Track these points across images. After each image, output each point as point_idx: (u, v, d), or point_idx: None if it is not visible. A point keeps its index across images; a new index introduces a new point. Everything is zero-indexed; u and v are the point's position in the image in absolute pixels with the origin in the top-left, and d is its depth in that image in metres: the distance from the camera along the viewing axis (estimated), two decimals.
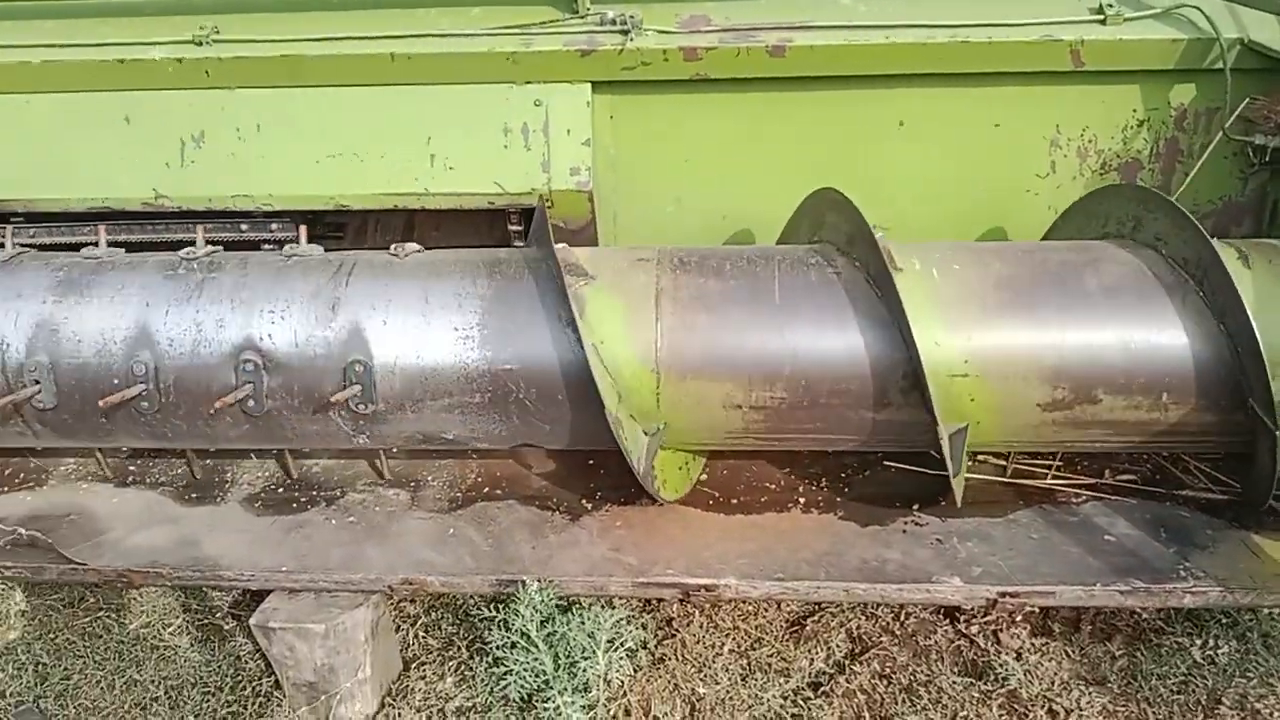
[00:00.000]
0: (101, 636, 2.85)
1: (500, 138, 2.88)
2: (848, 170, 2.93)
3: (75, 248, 2.98)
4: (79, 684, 2.70)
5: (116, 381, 2.57)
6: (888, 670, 2.65)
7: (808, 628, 2.79)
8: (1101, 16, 2.78)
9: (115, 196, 3.00)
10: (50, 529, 2.72)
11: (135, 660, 2.77)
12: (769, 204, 2.92)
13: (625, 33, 2.76)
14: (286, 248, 2.76)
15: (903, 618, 2.80)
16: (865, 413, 2.48)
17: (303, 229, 2.77)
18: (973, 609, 2.72)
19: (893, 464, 2.87)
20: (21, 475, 3.02)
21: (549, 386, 2.51)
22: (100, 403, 2.49)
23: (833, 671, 2.67)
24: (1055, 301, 2.42)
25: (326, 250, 2.80)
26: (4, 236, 3.15)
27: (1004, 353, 2.40)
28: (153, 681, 2.70)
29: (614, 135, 2.96)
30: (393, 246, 2.70)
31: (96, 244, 2.88)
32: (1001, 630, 2.72)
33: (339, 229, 3.53)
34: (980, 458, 2.85)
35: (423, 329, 2.52)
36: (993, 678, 2.59)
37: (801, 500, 2.76)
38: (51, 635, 2.87)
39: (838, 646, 2.74)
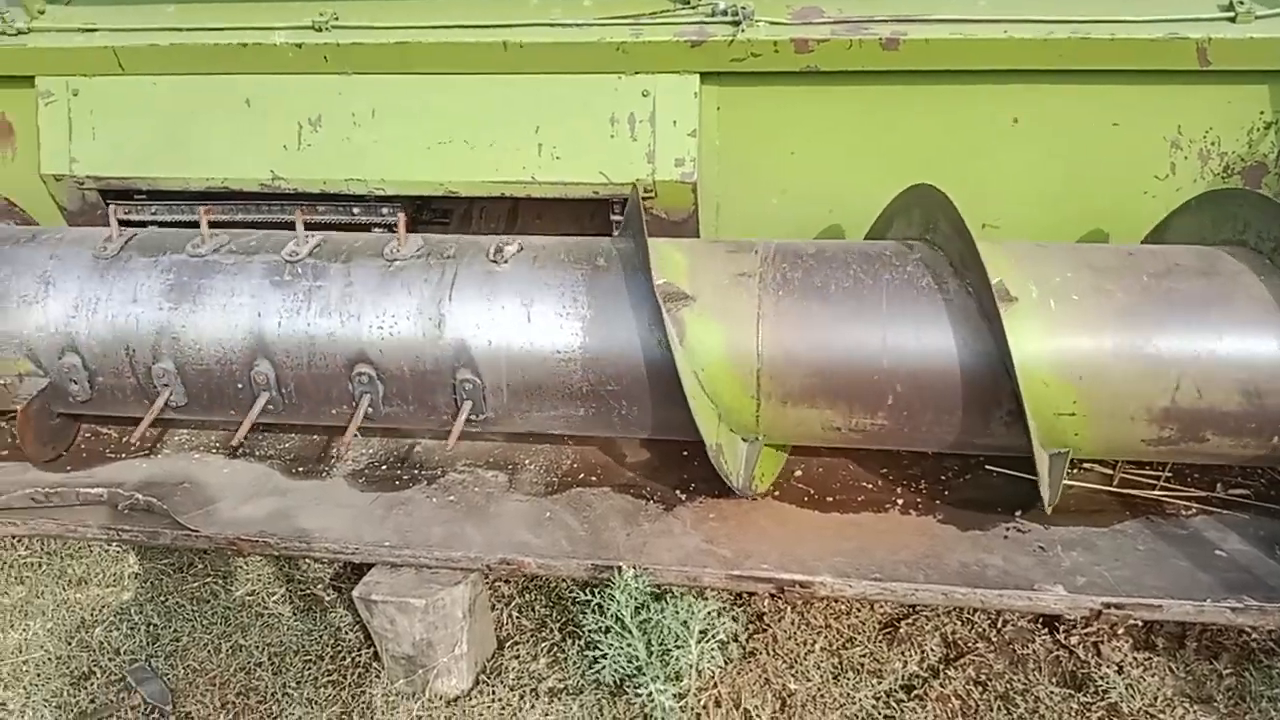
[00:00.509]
0: (209, 602, 2.96)
1: (607, 128, 2.90)
2: (958, 166, 2.87)
3: (193, 225, 3.10)
4: (187, 646, 2.81)
5: (240, 386, 2.71)
6: (983, 677, 2.62)
7: (901, 630, 2.77)
8: (1232, 14, 2.68)
9: (234, 177, 3.10)
10: (164, 496, 2.82)
11: (241, 626, 2.86)
12: (875, 199, 2.88)
13: (736, 24, 2.75)
14: (389, 246, 2.74)
15: (999, 625, 2.76)
16: (966, 436, 2.47)
17: (401, 219, 2.79)
18: (1074, 619, 2.66)
19: (995, 468, 2.82)
20: (137, 443, 3.14)
21: (650, 399, 2.55)
22: (235, 438, 2.69)
23: (926, 675, 2.64)
24: (1176, 344, 2.32)
25: (433, 233, 2.86)
26: (123, 213, 3.29)
27: (1115, 395, 2.34)
28: (257, 647, 2.79)
29: (720, 126, 2.95)
30: (492, 248, 2.68)
31: (206, 224, 2.99)
32: (1103, 642, 2.66)
33: (445, 214, 3.60)
34: (1086, 465, 2.78)
35: (527, 349, 2.57)
36: (1093, 690, 2.53)
37: (900, 501, 2.72)
38: (162, 598, 2.98)
39: (932, 650, 2.71)
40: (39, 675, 2.74)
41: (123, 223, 3.30)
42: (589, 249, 2.70)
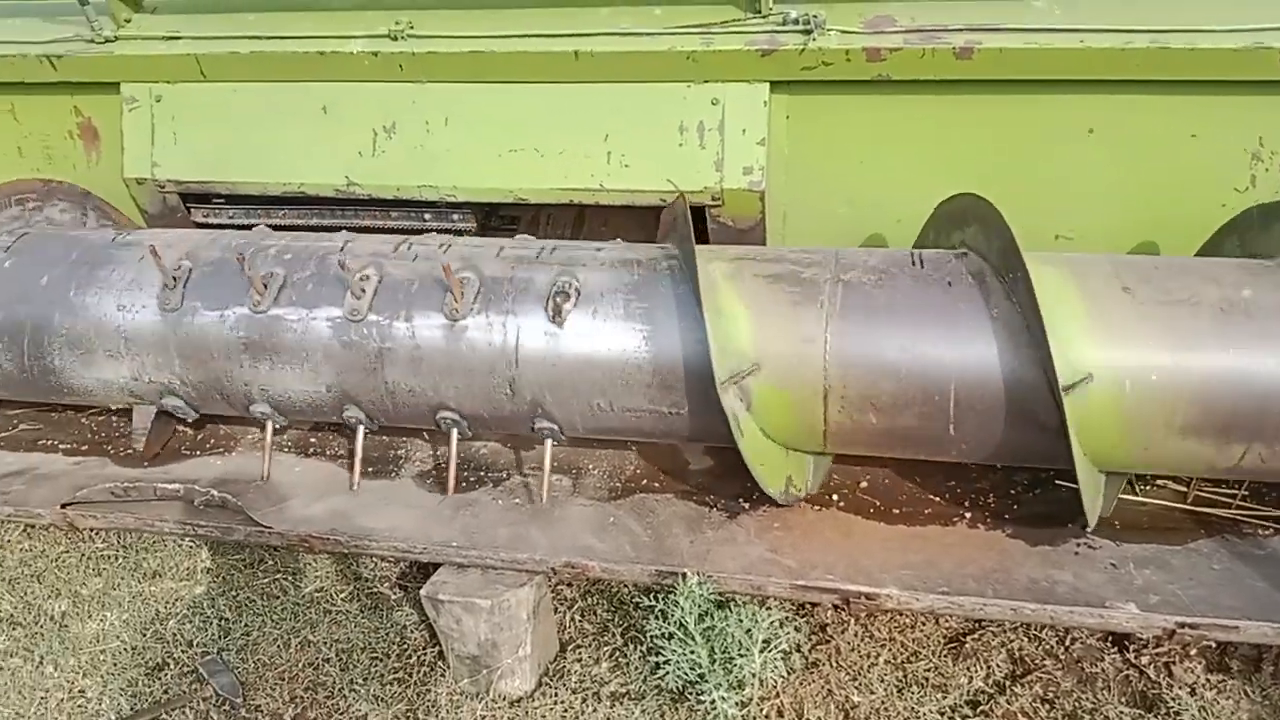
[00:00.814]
0: (279, 597, 3.02)
1: (676, 136, 2.92)
2: (1031, 177, 2.84)
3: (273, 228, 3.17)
4: (257, 640, 2.87)
5: (336, 419, 2.87)
6: (1050, 694, 2.58)
7: (967, 645, 2.73)
8: None
9: (310, 182, 3.17)
10: (238, 493, 2.89)
11: (309, 622, 2.92)
12: None
13: (808, 32, 2.75)
14: (446, 305, 2.62)
15: (1068, 642, 2.72)
16: (1010, 447, 2.49)
17: (450, 253, 2.76)
18: (1146, 638, 2.61)
19: (1065, 483, 2.78)
20: (212, 441, 3.22)
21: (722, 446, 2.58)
22: (352, 480, 2.86)
23: (992, 691, 2.60)
24: (1228, 359, 2.27)
25: (501, 237, 2.90)
26: (202, 216, 3.39)
27: (1163, 410, 2.31)
28: (324, 643, 2.84)
29: (789, 135, 2.95)
30: (550, 307, 2.58)
31: (289, 229, 3.07)
32: (1174, 663, 2.60)
33: (513, 220, 3.64)
34: (1159, 482, 2.73)
35: (596, 413, 2.64)
36: (1164, 712, 2.48)
37: (967, 515, 2.69)
38: (233, 592, 3.05)
39: (998, 666, 2.67)
40: (115, 665, 2.82)
41: (200, 225, 3.41)
42: (650, 286, 2.60)
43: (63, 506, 2.88)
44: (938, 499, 2.77)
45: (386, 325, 2.67)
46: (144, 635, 2.91)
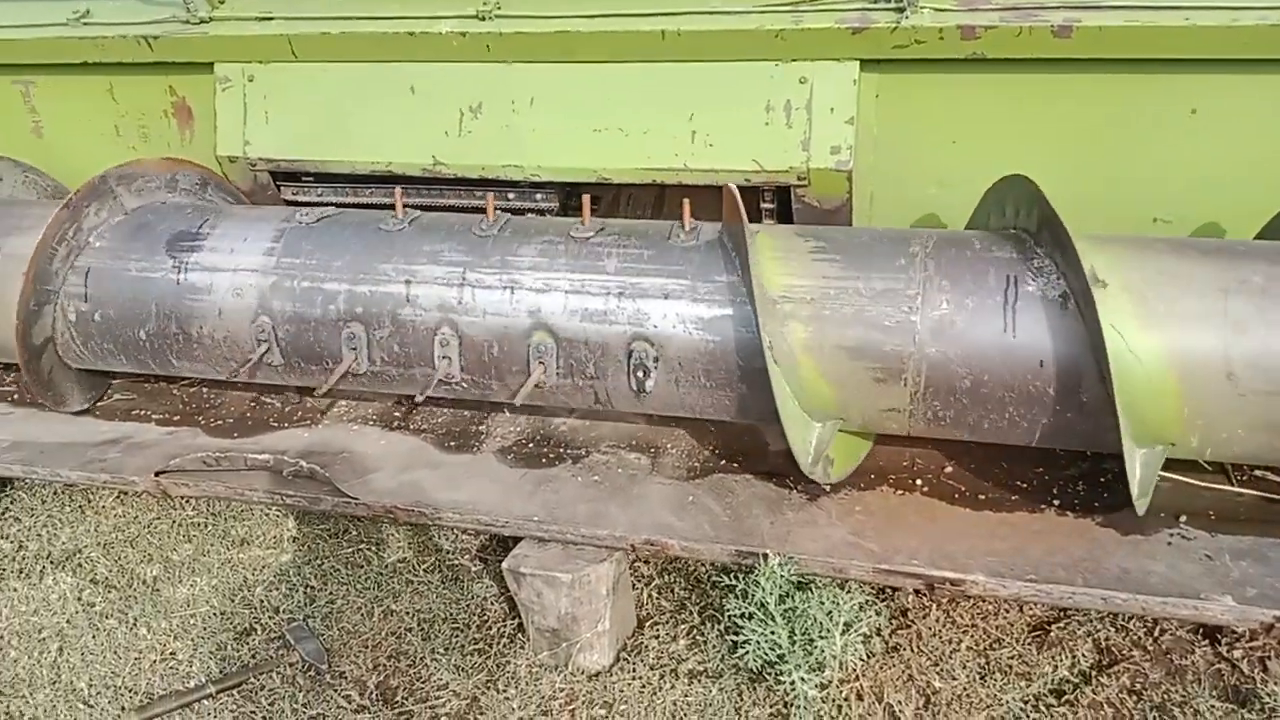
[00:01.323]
0: (362, 567, 3.08)
1: (762, 115, 2.90)
2: (1130, 158, 2.77)
3: (356, 207, 3.22)
4: (342, 608, 2.93)
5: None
6: (1138, 686, 2.52)
7: (1052, 633, 2.69)
8: None
9: (398, 161, 3.22)
10: (325, 464, 2.95)
11: (392, 592, 2.97)
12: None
13: (900, 10, 2.70)
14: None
15: (1157, 633, 2.65)
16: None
17: (585, 199, 2.85)
18: (1241, 632, 2.54)
19: (1163, 474, 2.70)
20: (300, 414, 3.29)
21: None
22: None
23: (1078, 681, 2.56)
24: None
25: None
26: (291, 194, 3.46)
27: (1218, 392, 2.28)
28: (407, 613, 2.89)
29: (878, 114, 2.91)
30: (632, 382, 2.68)
31: (381, 207, 3.11)
32: (1270, 658, 2.53)
33: (594, 200, 3.65)
34: (1258, 472, 2.65)
35: None
36: (1258, 707, 2.41)
37: (1056, 502, 2.64)
38: (319, 561, 3.12)
39: (1083, 656, 2.62)
40: (205, 629, 2.90)
41: (289, 203, 3.48)
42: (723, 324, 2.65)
43: (157, 474, 2.97)
44: (1025, 485, 2.72)
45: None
46: (232, 601, 2.99)
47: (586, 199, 2.82)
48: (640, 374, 2.64)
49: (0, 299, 3.03)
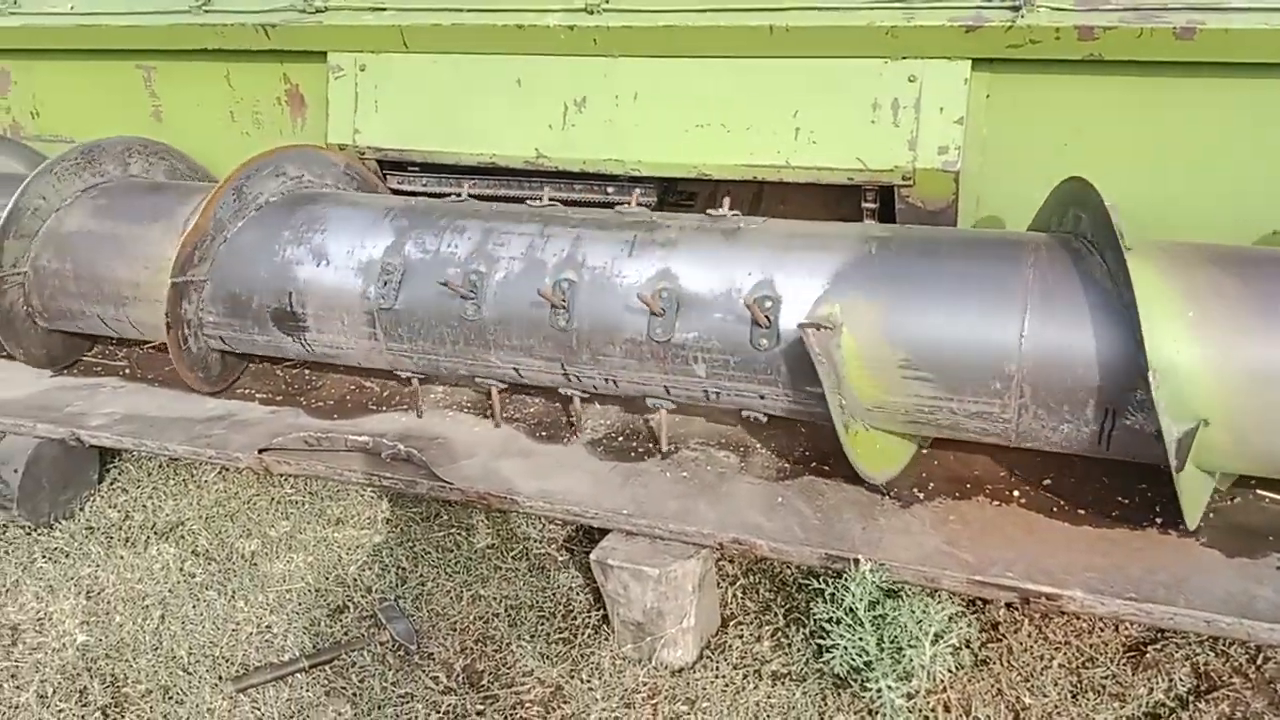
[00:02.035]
0: (452, 551, 3.13)
1: (868, 113, 2.86)
2: (1253, 167, 2.66)
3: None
4: (432, 591, 2.98)
5: None
6: (1238, 714, 2.43)
7: (1148, 655, 2.60)
8: None
9: (502, 154, 3.26)
10: (421, 449, 3.00)
11: (480, 577, 3.01)
12: (1155, 198, 2.72)
13: (1016, 9, 2.64)
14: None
15: (1260, 661, 2.55)
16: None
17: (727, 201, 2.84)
18: None
19: (1268, 494, 2.60)
20: (397, 398, 3.36)
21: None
22: None
23: (1174, 705, 2.47)
24: None
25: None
26: (396, 183, 3.53)
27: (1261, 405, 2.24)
28: (494, 598, 2.93)
29: (988, 115, 2.85)
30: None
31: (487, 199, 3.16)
32: None
33: (690, 196, 3.65)
34: None
35: None
36: None
37: (1159, 520, 2.55)
38: (410, 543, 3.18)
39: (1181, 680, 2.54)
40: (300, 604, 2.98)
41: (395, 192, 3.55)
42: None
43: (260, 452, 3.06)
44: (1127, 501, 2.64)
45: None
46: (327, 578, 3.07)
47: (727, 200, 2.80)
48: None
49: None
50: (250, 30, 3.46)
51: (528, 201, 3.00)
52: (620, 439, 3.06)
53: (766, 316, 2.51)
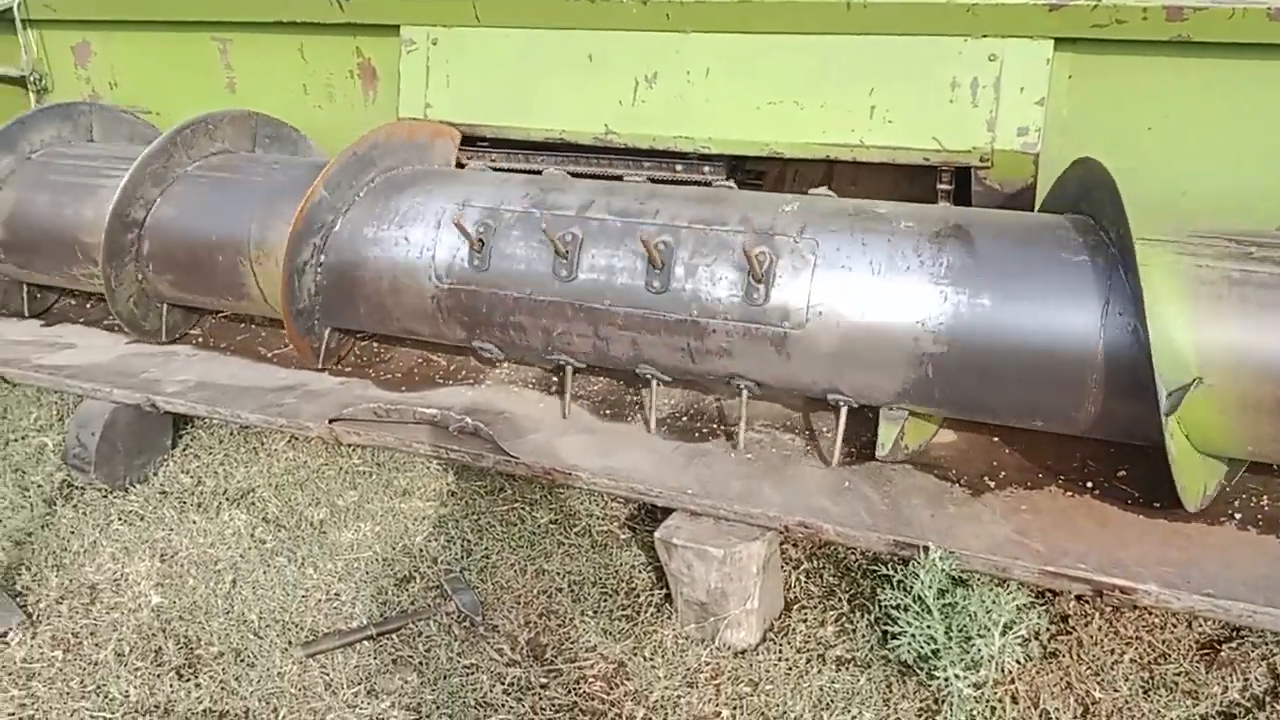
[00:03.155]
0: (516, 525, 3.16)
1: (946, 92, 2.81)
2: None
3: (528, 172, 3.27)
4: (496, 564, 3.01)
5: None
6: None
7: (1222, 653, 2.55)
8: None
9: (571, 129, 3.25)
10: (488, 423, 3.02)
11: (544, 552, 3.04)
12: (1241, 183, 2.64)
13: None
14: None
15: None
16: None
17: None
18: None
19: None
20: (464, 372, 3.39)
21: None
22: None
23: (1249, 705, 2.42)
24: None
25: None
26: (466, 158, 3.53)
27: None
28: (558, 573, 2.95)
29: (1070, 96, 2.78)
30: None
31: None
32: None
33: (759, 175, 3.62)
34: None
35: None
36: None
37: (1237, 515, 2.50)
38: (475, 517, 3.21)
39: (1257, 680, 2.48)
40: (367, 573, 3.03)
41: (462, 166, 3.56)
42: (931, 214, 2.63)
43: (330, 422, 3.10)
44: None
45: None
46: (393, 548, 3.11)
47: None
48: None
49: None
50: (325, 3, 3.49)
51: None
52: (684, 419, 3.05)
53: None
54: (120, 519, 3.33)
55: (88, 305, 4.12)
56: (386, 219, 3.04)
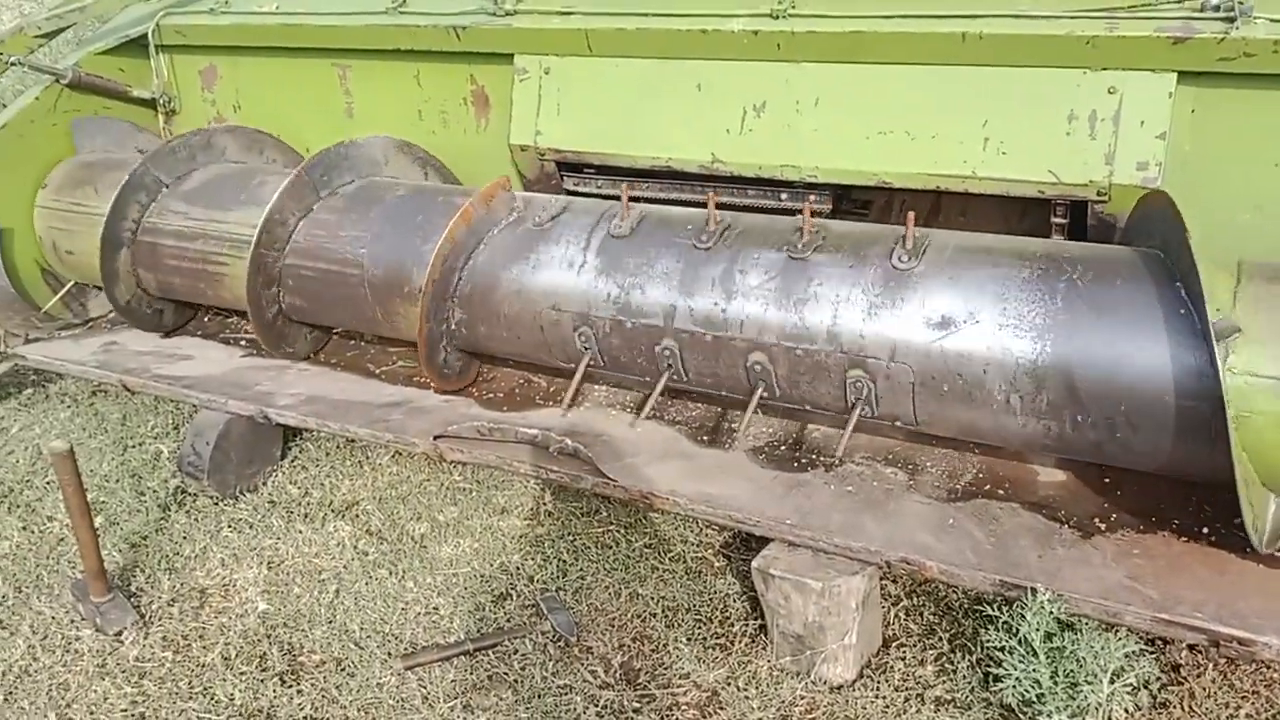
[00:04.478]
0: (611, 548, 3.17)
1: (1063, 124, 2.76)
2: None
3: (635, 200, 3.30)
4: (591, 586, 3.03)
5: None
6: None
7: None
8: None
9: (678, 158, 3.28)
10: (586, 445, 3.05)
11: (639, 575, 3.05)
12: None
13: (1230, 20, 2.50)
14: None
15: None
16: None
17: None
18: None
19: None
20: (562, 395, 3.42)
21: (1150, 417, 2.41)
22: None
23: None
24: None
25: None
26: (572, 184, 3.59)
27: None
28: (652, 598, 2.95)
29: (1192, 131, 2.71)
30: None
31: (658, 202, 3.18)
32: None
33: (865, 205, 3.60)
34: None
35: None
36: None
37: None
38: (572, 538, 3.24)
39: None
40: (466, 589, 3.08)
41: (570, 193, 3.62)
42: (1019, 248, 2.61)
43: (435, 438, 3.17)
44: None
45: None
46: (491, 565, 3.15)
47: (911, 216, 2.68)
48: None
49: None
50: (442, 32, 3.59)
51: None
52: (782, 448, 3.04)
53: None
54: (230, 526, 3.44)
55: (205, 319, 4.28)
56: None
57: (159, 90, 4.47)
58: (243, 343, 4.04)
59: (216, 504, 3.56)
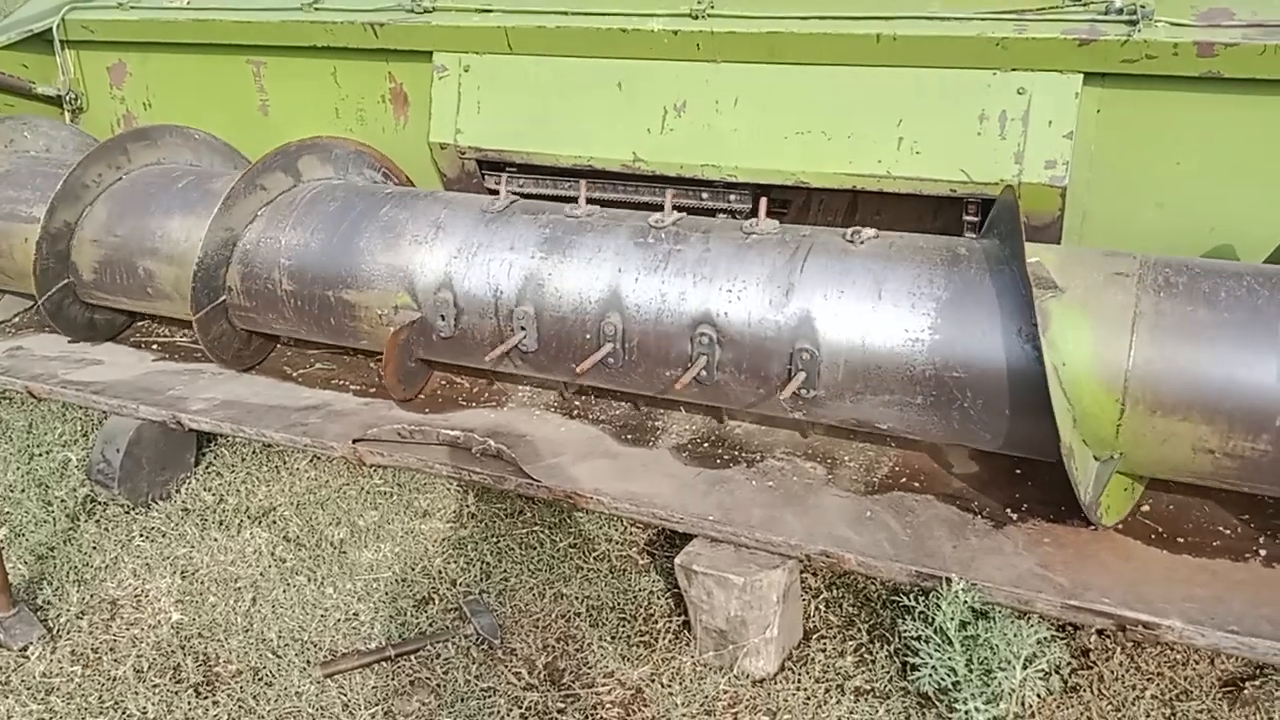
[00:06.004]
0: (535, 549, 3.16)
1: (974, 125, 2.82)
2: None
3: (554, 199, 3.30)
4: (515, 587, 3.01)
5: (588, 336, 2.84)
6: None
7: (1245, 691, 2.52)
8: None
9: (599, 156, 3.28)
10: (509, 445, 3.03)
11: (563, 575, 3.04)
12: (1271, 221, 2.63)
13: (1133, 23, 2.58)
14: (747, 224, 2.83)
15: None
16: None
17: (763, 202, 2.84)
18: None
19: None
20: (486, 395, 3.40)
21: (996, 396, 2.47)
22: (576, 369, 2.81)
23: None
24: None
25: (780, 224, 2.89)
26: (499, 184, 3.56)
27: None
28: (576, 598, 2.95)
29: (1098, 130, 2.79)
30: (849, 232, 2.71)
31: (576, 200, 3.16)
32: None
33: (784, 205, 3.63)
34: None
35: (872, 326, 2.56)
36: None
37: (1262, 552, 2.48)
38: (495, 539, 3.21)
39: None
40: (386, 593, 3.03)
41: (492, 193, 3.59)
42: (947, 243, 2.67)
43: (355, 442, 3.12)
44: (1229, 532, 2.56)
45: (684, 234, 2.85)
46: (413, 570, 3.12)
47: (764, 202, 2.79)
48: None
49: None
50: (359, 28, 3.54)
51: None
52: (705, 445, 3.06)
53: None
54: (142, 535, 3.35)
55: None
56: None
57: (65, 87, 4.34)
58: (155, 346, 3.93)
59: (128, 513, 3.46)
